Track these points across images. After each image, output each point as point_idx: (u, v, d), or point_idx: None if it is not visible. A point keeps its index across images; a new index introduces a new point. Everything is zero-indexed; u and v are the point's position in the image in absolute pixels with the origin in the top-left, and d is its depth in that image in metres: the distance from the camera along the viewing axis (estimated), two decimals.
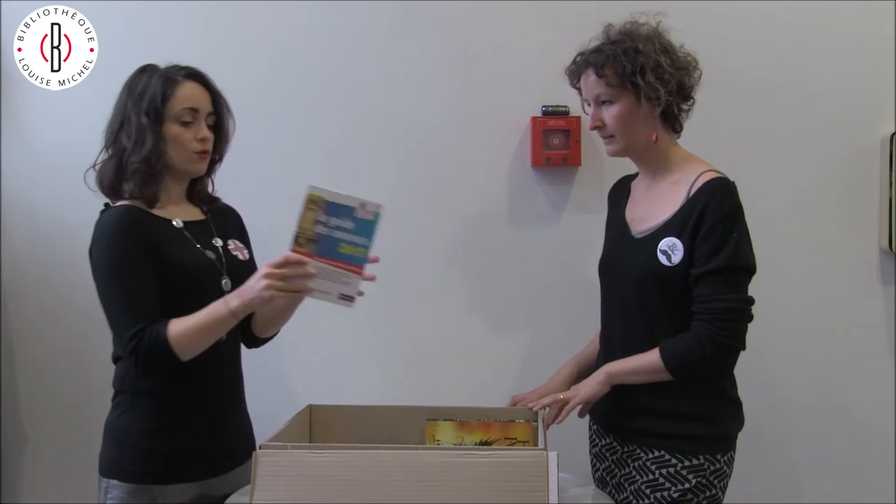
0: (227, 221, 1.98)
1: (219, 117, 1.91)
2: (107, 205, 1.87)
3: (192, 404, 1.84)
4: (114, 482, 1.83)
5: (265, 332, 1.98)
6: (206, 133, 1.85)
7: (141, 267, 1.77)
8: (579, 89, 1.98)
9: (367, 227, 1.70)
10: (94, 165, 1.87)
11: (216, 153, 1.94)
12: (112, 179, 1.84)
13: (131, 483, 1.81)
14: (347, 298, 1.73)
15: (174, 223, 1.87)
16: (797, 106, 2.50)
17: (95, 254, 1.80)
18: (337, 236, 1.70)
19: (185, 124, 1.83)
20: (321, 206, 1.68)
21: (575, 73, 1.97)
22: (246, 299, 1.71)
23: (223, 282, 1.86)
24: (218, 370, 1.87)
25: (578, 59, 1.95)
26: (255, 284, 1.70)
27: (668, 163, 1.94)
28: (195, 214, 1.94)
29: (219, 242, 1.91)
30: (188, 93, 1.84)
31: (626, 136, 1.90)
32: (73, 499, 2.46)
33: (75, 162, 1.93)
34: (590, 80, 1.91)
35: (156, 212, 1.85)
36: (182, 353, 1.73)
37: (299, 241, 1.70)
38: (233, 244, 1.93)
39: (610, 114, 1.89)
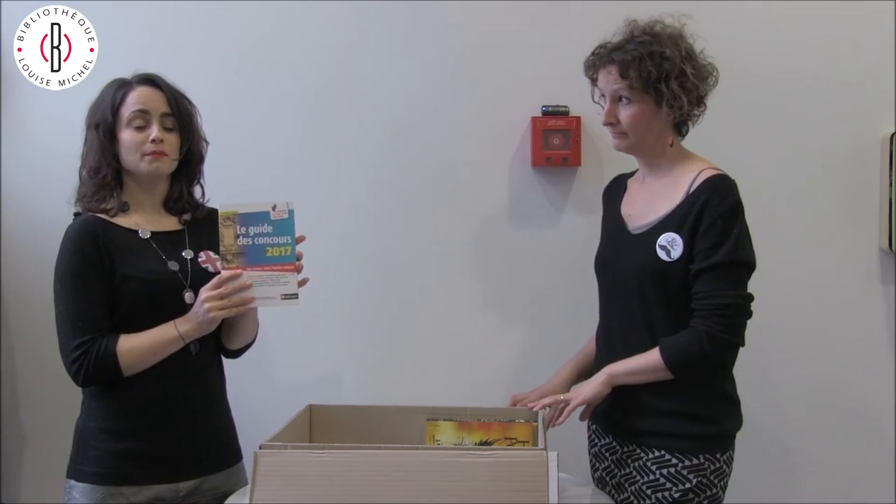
0: (207, 230, 1.91)
1: (178, 117, 1.89)
2: (76, 214, 1.90)
3: (143, 408, 1.84)
4: (72, 482, 1.85)
5: (232, 344, 1.99)
6: (158, 134, 1.84)
7: (91, 279, 1.80)
8: (594, 79, 1.96)
9: (285, 226, 1.78)
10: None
11: (190, 152, 1.92)
12: (76, 192, 1.90)
13: (86, 483, 1.83)
14: (291, 297, 1.80)
15: (140, 234, 1.87)
16: (797, 106, 2.50)
17: (55, 264, 1.84)
18: (260, 243, 1.78)
19: (138, 128, 1.84)
20: (236, 220, 1.77)
21: (593, 66, 1.94)
22: (194, 323, 1.80)
23: (186, 295, 1.86)
24: (176, 379, 1.85)
25: (600, 51, 1.92)
26: (198, 309, 1.79)
27: (670, 161, 1.93)
28: (169, 224, 1.93)
29: (189, 255, 1.90)
30: (137, 96, 1.85)
31: (639, 136, 1.90)
32: None
33: (75, 163, 1.93)
34: (611, 76, 1.88)
35: (121, 222, 1.86)
36: (127, 369, 1.79)
37: (227, 258, 1.78)
38: (204, 256, 1.91)
39: (627, 113, 1.88)
